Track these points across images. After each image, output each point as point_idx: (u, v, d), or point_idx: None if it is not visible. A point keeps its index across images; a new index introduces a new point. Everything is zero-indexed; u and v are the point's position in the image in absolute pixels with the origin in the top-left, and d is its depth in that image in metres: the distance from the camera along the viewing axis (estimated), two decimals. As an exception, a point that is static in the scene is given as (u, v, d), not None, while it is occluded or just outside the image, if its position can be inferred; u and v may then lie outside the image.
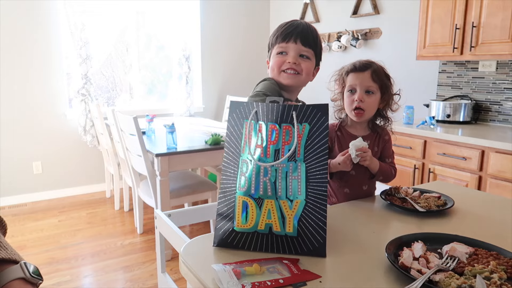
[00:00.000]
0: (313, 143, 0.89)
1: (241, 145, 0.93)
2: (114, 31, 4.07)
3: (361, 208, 1.26)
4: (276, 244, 0.90)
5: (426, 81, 3.18)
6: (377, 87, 1.38)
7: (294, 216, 0.89)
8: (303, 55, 1.21)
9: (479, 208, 1.25)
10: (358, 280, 0.80)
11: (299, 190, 0.88)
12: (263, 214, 0.90)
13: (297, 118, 0.89)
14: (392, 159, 1.51)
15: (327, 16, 4.03)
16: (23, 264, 0.62)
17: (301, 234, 0.89)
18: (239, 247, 0.92)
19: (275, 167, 0.89)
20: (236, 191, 0.92)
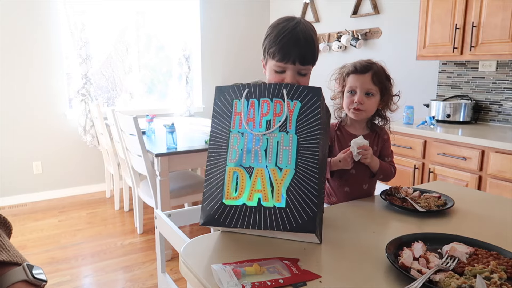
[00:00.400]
0: (305, 119, 0.94)
1: (231, 122, 0.98)
2: (114, 31, 4.07)
3: (361, 208, 1.26)
4: (264, 218, 0.90)
5: (426, 81, 3.18)
6: (377, 90, 1.40)
7: (283, 185, 0.90)
8: (300, 73, 1.16)
9: (479, 208, 1.25)
10: (358, 280, 0.80)
11: (290, 160, 0.91)
12: (253, 183, 0.92)
13: (287, 95, 0.95)
14: (391, 158, 1.52)
15: (327, 16, 4.03)
16: (25, 266, 0.62)
17: (290, 205, 0.89)
18: (226, 223, 0.92)
19: (267, 136, 0.94)
20: (226, 164, 0.95)
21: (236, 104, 0.99)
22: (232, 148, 0.96)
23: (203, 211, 0.95)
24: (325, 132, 1.01)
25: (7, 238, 0.70)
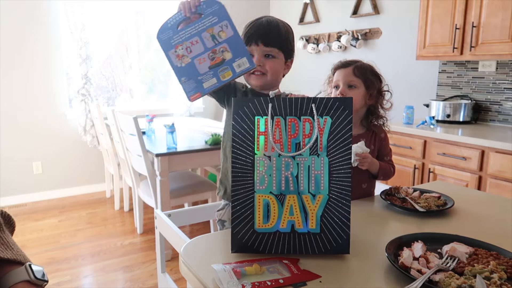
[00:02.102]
0: (336, 137, 0.88)
1: (255, 143, 0.90)
2: (114, 31, 4.07)
3: (361, 208, 1.27)
4: (299, 243, 0.88)
5: (426, 81, 3.18)
6: (359, 82, 1.44)
7: (317, 211, 0.88)
8: (268, 55, 1.21)
9: (479, 208, 1.25)
10: (358, 280, 0.80)
11: (322, 185, 0.88)
12: (286, 210, 0.89)
13: (317, 111, 0.88)
14: (390, 157, 1.53)
15: (327, 16, 4.03)
16: (28, 266, 0.62)
17: (324, 230, 0.88)
18: (260, 250, 0.89)
19: (297, 161, 0.88)
20: (254, 191, 0.89)
21: (259, 122, 0.89)
22: (259, 174, 0.89)
23: (234, 239, 0.90)
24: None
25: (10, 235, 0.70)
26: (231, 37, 1.10)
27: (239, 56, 1.10)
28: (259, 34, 1.19)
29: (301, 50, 4.26)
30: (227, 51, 1.10)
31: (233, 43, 1.10)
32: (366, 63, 1.49)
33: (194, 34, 1.10)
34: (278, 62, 1.23)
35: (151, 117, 3.13)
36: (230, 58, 1.10)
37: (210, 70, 1.10)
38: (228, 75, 1.10)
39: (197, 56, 1.11)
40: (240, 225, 0.90)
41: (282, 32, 1.22)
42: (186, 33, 1.11)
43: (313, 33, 4.18)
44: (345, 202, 0.88)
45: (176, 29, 1.11)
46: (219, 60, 1.10)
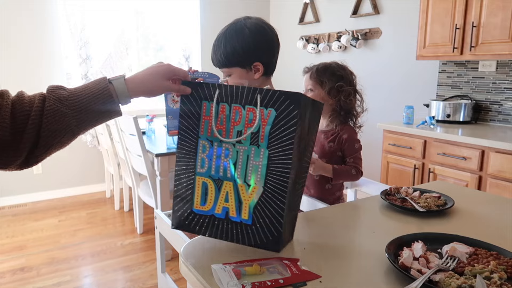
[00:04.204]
0: (279, 130, 0.84)
1: (199, 126, 0.91)
2: (114, 31, 4.07)
3: (361, 208, 1.27)
4: (231, 231, 0.89)
5: (426, 81, 3.18)
6: (314, 84, 1.57)
7: (250, 202, 0.87)
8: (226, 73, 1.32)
9: (479, 208, 1.25)
10: (358, 280, 0.80)
11: (259, 176, 0.86)
12: (222, 196, 0.89)
13: (261, 102, 0.86)
14: (355, 159, 1.58)
15: (327, 16, 4.03)
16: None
17: (256, 223, 0.87)
18: (196, 230, 0.92)
19: (237, 149, 0.88)
20: (195, 172, 0.92)
21: (205, 106, 0.91)
22: (200, 156, 0.91)
23: (174, 215, 0.94)
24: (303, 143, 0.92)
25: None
26: None
27: None
28: (211, 59, 1.32)
29: (301, 50, 4.26)
30: None
31: None
32: (329, 63, 1.60)
33: None
34: (236, 77, 1.31)
35: (151, 117, 3.13)
36: None
37: None
38: None
39: None
40: (180, 203, 0.93)
41: (225, 47, 1.27)
42: None
43: (313, 33, 4.18)
44: (280, 198, 0.85)
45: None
46: None
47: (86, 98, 0.83)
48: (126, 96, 0.87)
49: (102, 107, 0.84)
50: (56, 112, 0.80)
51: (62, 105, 0.81)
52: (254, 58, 1.29)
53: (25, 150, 0.79)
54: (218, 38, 1.29)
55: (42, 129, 0.79)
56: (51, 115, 0.79)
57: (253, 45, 1.28)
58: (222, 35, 1.29)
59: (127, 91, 0.87)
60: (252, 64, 1.30)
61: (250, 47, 1.28)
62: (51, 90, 0.83)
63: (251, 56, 1.29)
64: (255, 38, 1.28)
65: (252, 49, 1.28)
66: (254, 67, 1.31)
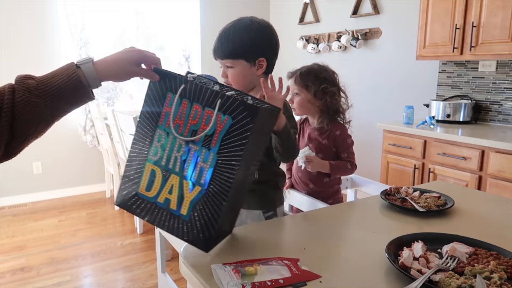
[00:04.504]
0: (231, 139, 0.85)
1: (160, 115, 0.93)
2: (114, 31, 4.07)
3: (361, 208, 1.27)
4: (169, 222, 0.90)
5: (426, 81, 3.18)
6: (300, 89, 1.65)
7: (191, 200, 0.88)
8: (228, 66, 1.29)
9: (479, 208, 1.25)
10: (358, 280, 0.80)
11: (203, 178, 0.87)
12: (166, 187, 0.91)
13: (220, 107, 0.86)
14: (349, 153, 1.69)
15: (327, 16, 4.03)
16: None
17: (192, 220, 0.88)
18: (137, 213, 0.94)
19: (189, 147, 0.89)
20: (147, 158, 0.94)
21: (169, 98, 0.92)
22: (155, 144, 0.93)
23: (119, 193, 0.96)
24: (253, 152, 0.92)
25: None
26: None
27: None
28: (214, 50, 1.29)
29: (301, 50, 4.26)
30: None
31: None
32: (311, 67, 1.68)
33: None
34: (237, 71, 1.29)
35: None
36: None
37: None
38: None
39: None
40: (127, 183, 0.96)
41: (233, 40, 1.26)
42: None
43: (313, 33, 4.18)
44: (219, 203, 0.85)
45: None
46: None
47: (56, 86, 0.82)
48: (96, 80, 0.87)
49: (73, 93, 0.84)
50: (27, 103, 0.80)
51: (32, 95, 0.80)
52: (260, 53, 1.30)
53: (2, 143, 0.80)
54: (226, 29, 1.29)
55: (16, 121, 0.79)
56: (22, 106, 0.79)
57: (261, 40, 1.31)
58: (231, 27, 1.29)
59: (96, 75, 0.86)
60: (257, 59, 1.30)
61: (258, 41, 1.30)
62: (20, 80, 0.81)
63: (257, 51, 1.30)
64: (262, 33, 1.31)
65: (260, 44, 1.30)
66: (258, 63, 1.31)
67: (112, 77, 0.89)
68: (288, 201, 1.85)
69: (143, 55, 0.92)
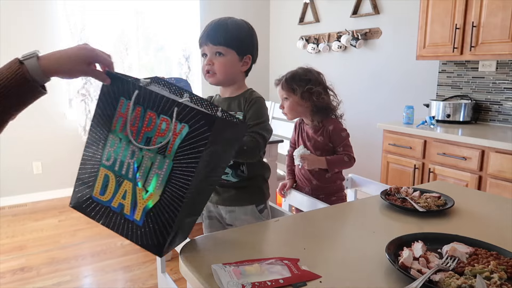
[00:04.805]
0: (188, 147, 0.83)
1: (113, 120, 0.91)
2: (114, 31, 4.07)
3: (361, 208, 1.27)
4: (123, 226, 0.90)
5: (426, 81, 3.18)
6: (288, 93, 1.72)
7: (144, 206, 0.87)
8: (218, 53, 1.28)
9: (479, 208, 1.25)
10: (358, 280, 0.80)
11: (158, 186, 0.86)
12: (120, 192, 0.91)
13: (177, 115, 0.84)
14: (344, 146, 1.74)
15: (327, 16, 4.03)
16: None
17: (146, 226, 0.87)
18: (92, 216, 0.94)
19: (143, 153, 0.88)
20: (100, 163, 0.93)
21: (122, 103, 0.90)
22: (108, 149, 0.92)
23: (74, 196, 0.96)
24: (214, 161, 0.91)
25: None
26: None
27: None
28: (207, 34, 1.28)
29: (301, 50, 4.26)
30: None
31: None
32: (295, 71, 1.74)
33: None
34: (227, 59, 1.29)
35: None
36: None
37: None
38: None
39: None
40: (81, 186, 0.95)
41: (230, 29, 1.29)
42: None
43: (313, 33, 4.18)
44: (174, 210, 0.84)
45: None
46: None
47: (1, 85, 0.80)
48: (41, 76, 0.83)
49: (19, 90, 0.81)
50: None
51: None
52: (248, 50, 1.33)
53: None
54: (221, 20, 1.30)
55: None
56: None
57: (251, 39, 1.35)
58: (226, 19, 1.31)
59: (40, 70, 0.83)
60: (245, 55, 1.33)
61: (249, 39, 1.34)
62: None
63: (248, 47, 1.33)
64: (253, 34, 1.35)
65: (251, 42, 1.34)
66: (245, 59, 1.33)
67: (59, 73, 0.86)
68: (288, 201, 1.85)
69: (94, 54, 0.90)
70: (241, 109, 1.32)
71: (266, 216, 1.42)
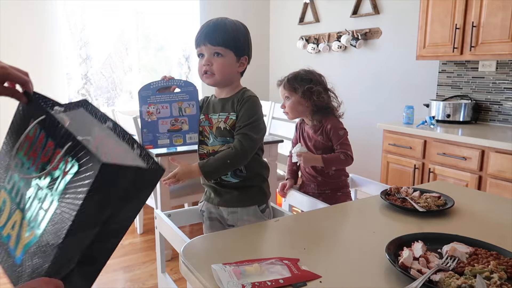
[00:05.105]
0: (73, 189, 0.71)
1: (18, 142, 0.81)
2: (114, 31, 4.07)
3: (361, 208, 1.27)
4: (6, 260, 0.78)
5: (426, 81, 3.18)
6: (290, 92, 1.76)
7: (25, 243, 0.76)
8: (216, 53, 1.29)
9: (479, 208, 1.25)
10: (358, 280, 0.80)
11: (40, 224, 0.75)
12: (11, 221, 0.79)
13: (69, 150, 0.72)
14: (341, 145, 1.76)
15: (327, 16, 4.03)
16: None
17: (23, 265, 0.75)
18: None
19: (35, 184, 0.77)
20: (3, 185, 0.83)
21: (30, 125, 0.80)
22: (12, 172, 0.81)
23: None
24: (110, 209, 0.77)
25: None
26: (193, 115, 1.36)
27: (193, 131, 1.37)
28: (205, 34, 1.29)
29: (301, 50, 4.26)
30: (186, 124, 1.35)
31: (193, 120, 1.36)
32: (297, 71, 1.78)
33: (167, 101, 1.33)
34: (226, 60, 1.30)
35: (151, 117, 3.12)
36: (186, 129, 1.35)
37: (168, 132, 1.34)
38: (179, 142, 1.36)
39: (162, 118, 1.33)
40: None
41: (228, 30, 1.29)
42: (161, 98, 1.32)
43: (313, 33, 4.18)
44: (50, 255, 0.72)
45: (156, 92, 1.32)
46: (177, 128, 1.35)
47: None
48: None
49: None
50: None
51: None
52: (245, 52, 1.35)
53: None
54: (219, 21, 1.31)
55: None
56: None
57: (248, 41, 1.36)
58: (224, 20, 1.32)
59: None
60: (242, 56, 1.34)
61: (247, 41, 1.35)
62: None
63: (245, 49, 1.34)
64: (248, 35, 1.37)
65: (248, 44, 1.36)
66: (241, 60, 1.34)
67: None
68: (288, 201, 1.85)
69: (6, 73, 0.82)
70: (234, 110, 1.33)
71: (268, 216, 1.42)
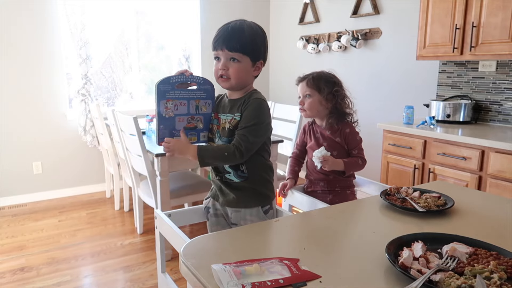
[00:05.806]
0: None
1: None
2: (114, 31, 4.07)
3: (361, 208, 1.27)
4: None
5: (426, 81, 3.18)
6: (313, 91, 1.74)
7: None
8: (232, 58, 1.29)
9: (479, 208, 1.25)
10: (358, 280, 0.80)
11: None
12: None
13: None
14: (359, 150, 1.78)
15: (327, 16, 4.03)
16: None
17: None
18: None
19: None
20: None
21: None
22: None
23: None
24: None
25: None
26: (208, 114, 1.39)
27: (206, 130, 1.40)
28: (223, 39, 1.28)
29: (301, 50, 4.26)
30: (201, 122, 1.38)
31: (207, 118, 1.39)
32: (321, 72, 1.77)
33: (185, 98, 1.34)
34: (242, 66, 1.30)
35: (151, 117, 3.12)
36: (201, 128, 1.38)
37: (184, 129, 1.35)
38: (194, 140, 1.38)
39: (179, 115, 1.34)
40: None
41: (246, 36, 1.29)
42: (180, 94, 1.33)
43: (313, 33, 4.18)
44: None
45: (175, 87, 1.32)
46: (192, 126, 1.37)
47: None
48: None
49: None
50: None
51: None
52: (261, 56, 1.34)
53: None
54: (237, 25, 1.30)
55: None
56: None
57: (265, 45, 1.36)
58: (241, 24, 1.31)
59: None
60: (258, 61, 1.33)
61: (264, 45, 1.35)
62: None
63: (261, 53, 1.34)
64: (265, 39, 1.36)
65: (264, 48, 1.35)
66: (257, 64, 1.34)
67: None
68: (288, 201, 1.85)
69: None
70: (239, 111, 1.32)
71: (271, 217, 1.42)
